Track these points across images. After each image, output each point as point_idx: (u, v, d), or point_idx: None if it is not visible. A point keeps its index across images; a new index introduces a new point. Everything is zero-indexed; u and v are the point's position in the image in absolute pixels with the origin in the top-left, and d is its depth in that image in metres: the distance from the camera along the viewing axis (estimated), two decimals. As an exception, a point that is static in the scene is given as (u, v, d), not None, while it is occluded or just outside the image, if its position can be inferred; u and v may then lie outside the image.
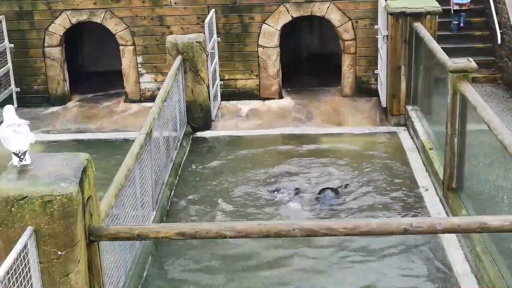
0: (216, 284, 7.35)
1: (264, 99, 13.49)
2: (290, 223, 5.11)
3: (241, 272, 7.59)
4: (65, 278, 4.71)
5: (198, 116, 11.93)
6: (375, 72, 13.01)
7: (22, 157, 4.89)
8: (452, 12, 13.73)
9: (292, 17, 13.16)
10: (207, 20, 12.02)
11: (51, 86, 13.62)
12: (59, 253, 4.66)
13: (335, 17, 13.07)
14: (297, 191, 9.40)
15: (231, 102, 13.33)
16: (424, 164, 10.15)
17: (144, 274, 7.48)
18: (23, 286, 4.46)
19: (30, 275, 4.55)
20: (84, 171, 4.92)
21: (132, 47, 13.38)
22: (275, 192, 9.42)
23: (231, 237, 5.05)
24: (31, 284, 4.57)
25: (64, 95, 13.72)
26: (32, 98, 13.61)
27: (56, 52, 13.47)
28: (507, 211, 6.87)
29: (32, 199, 4.60)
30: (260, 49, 13.33)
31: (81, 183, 4.79)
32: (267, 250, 7.94)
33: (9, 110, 4.93)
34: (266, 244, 7.98)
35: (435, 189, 9.30)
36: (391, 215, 8.70)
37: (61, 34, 13.37)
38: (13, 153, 4.89)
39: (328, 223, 5.08)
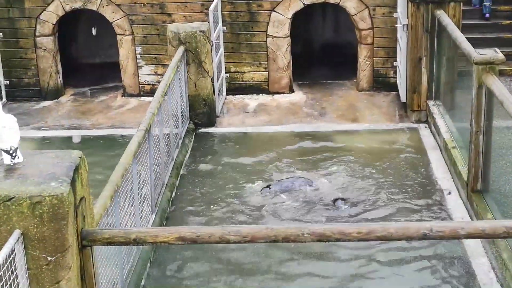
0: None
1: (274, 93, 13.48)
2: (300, 227, 5.09)
3: (247, 279, 7.59)
4: (55, 286, 4.70)
5: (201, 112, 11.93)
6: (394, 64, 12.97)
7: (14, 154, 4.89)
8: None
9: (304, 4, 13.14)
10: (211, 8, 12.02)
11: (43, 78, 13.66)
12: (49, 258, 4.66)
13: (350, 5, 13.04)
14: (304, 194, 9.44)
15: (238, 96, 13.33)
16: (446, 164, 10.12)
17: (142, 283, 7.49)
18: (10, 294, 4.47)
19: (17, 283, 4.55)
20: (77, 170, 4.92)
21: (130, 37, 13.39)
22: (269, 188, 9.50)
23: (235, 242, 5.05)
24: (19, 292, 4.57)
25: (57, 89, 13.76)
26: (22, 91, 13.66)
27: (48, 42, 13.50)
28: (536, 215, 6.85)
29: (20, 200, 4.60)
30: (269, 39, 13.32)
31: (73, 183, 4.79)
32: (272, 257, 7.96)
33: (-4, 104, 4.94)
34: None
35: (459, 191, 9.27)
36: (410, 220, 8.67)
37: (54, 23, 13.40)
38: (4, 150, 4.89)
39: (341, 227, 5.07)
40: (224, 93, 13.13)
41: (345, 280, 7.52)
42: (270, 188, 9.59)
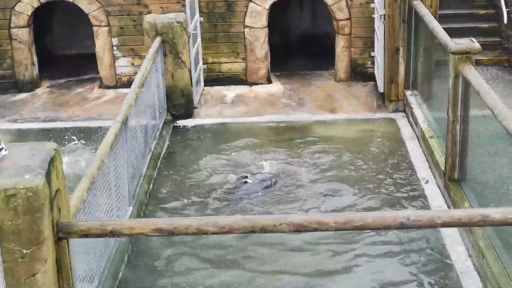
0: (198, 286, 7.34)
1: (251, 84, 13.46)
2: (277, 217, 5.09)
3: (227, 271, 7.59)
4: (31, 279, 4.67)
5: (179, 103, 11.89)
6: (372, 55, 13.00)
7: (1, 147, 4.86)
8: None
9: (281, -6, 13.12)
10: (188, -2, 11.97)
11: (18, 70, 13.53)
12: (24, 251, 4.62)
13: (327, -5, 13.04)
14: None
15: (215, 87, 13.29)
16: (424, 153, 10.17)
17: (119, 275, 7.46)
18: (-15, 288, 4.43)
19: (-7, 276, 4.52)
20: (52, 162, 4.87)
21: (106, 28, 13.30)
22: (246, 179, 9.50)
23: (213, 233, 5.03)
24: (-6, 286, 4.54)
25: (33, 81, 13.64)
26: (-3, 84, 13.53)
27: (23, 34, 13.37)
28: (513, 203, 6.90)
29: (-6, 192, 4.55)
30: (246, 29, 13.29)
31: (48, 175, 4.75)
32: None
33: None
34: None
35: (436, 180, 9.32)
36: (388, 209, 8.71)
37: (29, 14, 13.27)
38: None
39: (319, 217, 5.07)
40: (202, 84, 13.08)
41: (320, 271, 7.51)
42: (246, 182, 9.56)
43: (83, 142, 10.93)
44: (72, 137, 11.09)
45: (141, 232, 4.95)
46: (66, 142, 10.90)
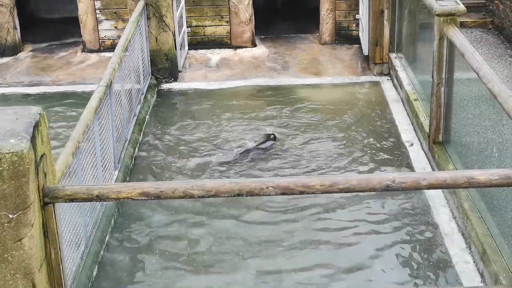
0: (183, 252, 7.36)
1: (236, 47, 13.38)
2: (264, 180, 5.08)
3: (214, 238, 7.62)
4: (17, 244, 4.65)
5: (163, 67, 11.82)
6: (356, 17, 12.95)
7: None
8: None
9: (265, -44, 12.99)
10: (171, -40, 11.82)
11: (0, 34, 13.37)
12: (10, 216, 4.60)
13: (312, -43, 12.93)
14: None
15: (200, 51, 13.22)
16: (408, 116, 10.19)
17: (106, 239, 7.47)
18: (-29, 252, 4.41)
19: (-21, 241, 4.50)
20: (37, 126, 4.82)
21: (89, -9, 13.13)
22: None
23: (199, 197, 5.02)
24: (-19, 251, 4.52)
25: (15, 45, 13.49)
26: (-21, 48, 13.38)
27: (4, -3, 13.19)
28: (496, 165, 6.94)
29: (-21, 157, 4.51)
30: (230, -8, 13.18)
31: (33, 139, 4.70)
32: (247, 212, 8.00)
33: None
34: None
35: (421, 143, 9.36)
36: (372, 171, 8.75)
37: (10, -23, 13.08)
38: None
39: (305, 180, 5.07)
40: (186, 47, 12.99)
41: (307, 242, 7.54)
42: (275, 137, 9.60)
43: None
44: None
45: (127, 196, 4.93)
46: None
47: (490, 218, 6.95)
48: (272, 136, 9.66)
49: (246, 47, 13.38)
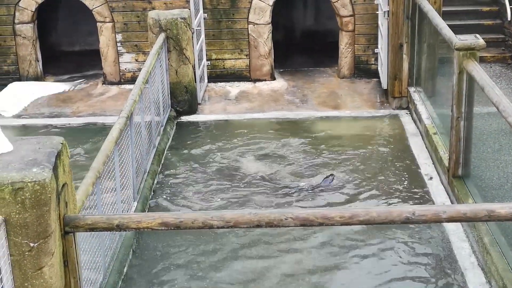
0: (205, 284, 7.35)
1: (255, 80, 13.46)
2: (283, 211, 5.09)
3: (234, 266, 7.61)
4: (38, 272, 4.69)
5: (183, 99, 11.91)
6: (375, 51, 13.00)
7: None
8: None
9: (285, -9, 13.12)
10: (192, -6, 11.98)
11: (23, 66, 13.55)
12: (32, 245, 4.64)
13: (331, -9, 13.03)
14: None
15: (219, 84, 13.30)
16: (428, 150, 10.18)
17: (125, 270, 7.48)
18: (-8, 280, 4.45)
19: (0, 269, 4.53)
20: (59, 156, 4.89)
21: (110, 24, 13.30)
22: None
23: (218, 227, 5.04)
24: (1, 279, 4.55)
25: (37, 77, 13.65)
26: (1, 79, 13.47)
27: (27, 30, 13.38)
28: (517, 199, 6.91)
29: (2, 186, 4.56)
30: (250, 26, 13.29)
31: (55, 169, 4.76)
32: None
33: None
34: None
35: (440, 176, 9.33)
36: (392, 205, 8.72)
37: (33, 10, 13.28)
38: None
39: (324, 212, 5.08)
40: (206, 80, 13.09)
41: (323, 264, 7.52)
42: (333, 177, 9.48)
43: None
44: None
45: (147, 226, 4.96)
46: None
47: (510, 252, 6.89)
48: (331, 176, 9.51)
49: (265, 80, 13.45)
